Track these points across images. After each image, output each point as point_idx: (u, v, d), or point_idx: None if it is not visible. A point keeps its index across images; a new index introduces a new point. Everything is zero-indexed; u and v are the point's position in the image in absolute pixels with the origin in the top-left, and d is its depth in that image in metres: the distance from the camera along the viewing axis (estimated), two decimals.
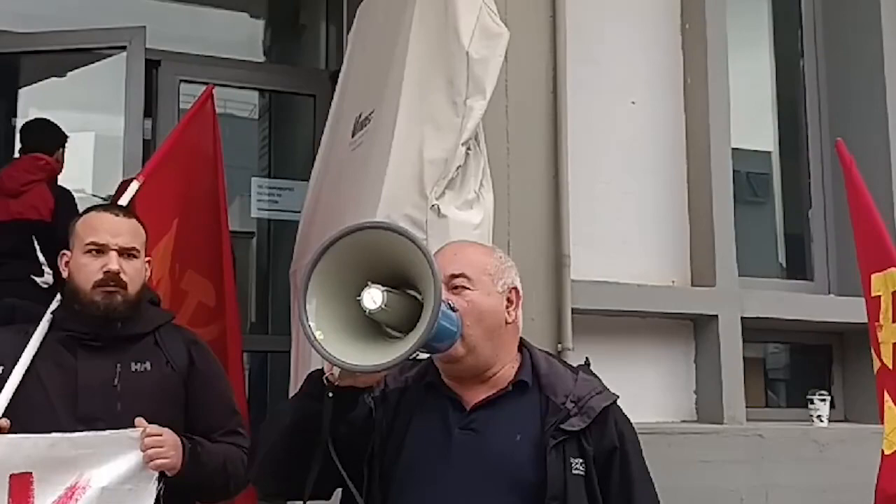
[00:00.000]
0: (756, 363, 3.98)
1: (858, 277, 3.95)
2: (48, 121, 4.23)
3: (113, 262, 2.11)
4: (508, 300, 1.77)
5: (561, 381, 1.75)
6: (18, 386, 2.02)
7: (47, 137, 4.10)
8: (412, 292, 1.57)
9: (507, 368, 1.77)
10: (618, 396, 1.77)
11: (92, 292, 2.11)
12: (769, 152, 4.41)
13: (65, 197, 3.96)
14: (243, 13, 5.88)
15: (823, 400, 3.66)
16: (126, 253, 2.15)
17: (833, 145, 4.16)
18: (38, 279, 3.71)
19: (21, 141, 4.11)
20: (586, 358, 1.82)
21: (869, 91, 4.01)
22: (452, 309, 1.66)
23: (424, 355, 1.76)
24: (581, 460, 1.66)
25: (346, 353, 1.49)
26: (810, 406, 3.65)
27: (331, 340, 1.50)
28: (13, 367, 2.04)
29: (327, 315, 1.52)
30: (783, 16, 4.39)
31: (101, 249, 2.13)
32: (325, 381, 1.59)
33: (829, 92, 4.20)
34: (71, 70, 4.55)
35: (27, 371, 2.05)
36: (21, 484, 1.88)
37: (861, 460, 3.49)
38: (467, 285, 1.72)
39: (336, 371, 1.55)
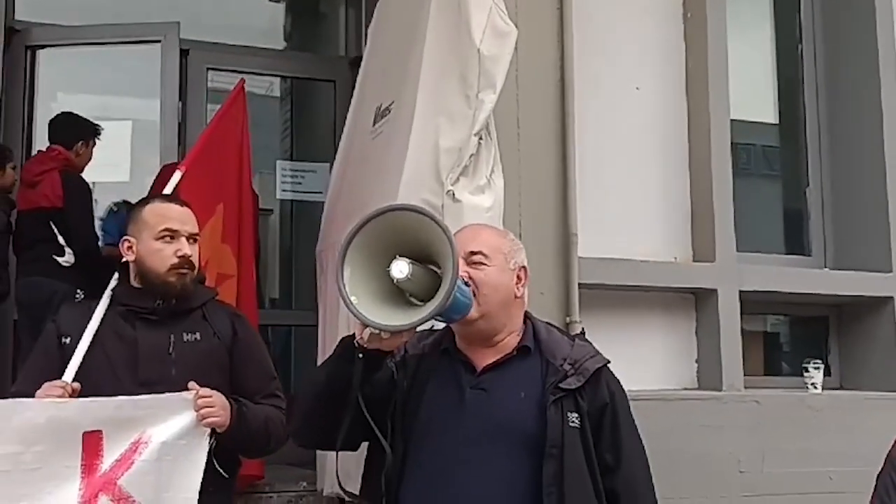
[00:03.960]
0: (755, 334, 4.11)
1: (853, 252, 4.13)
2: (71, 115, 4.43)
3: (186, 247, 2.35)
4: (518, 277, 2.02)
5: (559, 347, 1.98)
6: (85, 355, 2.27)
7: (67, 131, 4.30)
8: (433, 267, 1.80)
9: (512, 336, 2.00)
10: (609, 361, 2.00)
11: (167, 274, 2.33)
12: (775, 125, 4.47)
13: (73, 185, 4.16)
14: (266, 1, 6.05)
15: (818, 368, 3.79)
16: (192, 238, 2.40)
17: (830, 124, 4.32)
18: (59, 259, 4.06)
19: (48, 134, 4.33)
20: (582, 328, 2.05)
21: (864, 73, 4.10)
22: (466, 284, 1.89)
23: (441, 325, 2.00)
24: (577, 415, 1.89)
25: (375, 315, 1.73)
26: (805, 374, 3.79)
27: (363, 304, 1.74)
28: (80, 339, 2.29)
29: (360, 283, 1.76)
30: (783, 4, 4.47)
31: (173, 236, 2.36)
32: (355, 345, 1.82)
33: (827, 74, 4.29)
34: (109, 62, 4.78)
35: (92, 342, 2.29)
36: (93, 440, 2.11)
37: (854, 425, 3.62)
38: (485, 261, 1.97)
39: (366, 334, 1.78)
